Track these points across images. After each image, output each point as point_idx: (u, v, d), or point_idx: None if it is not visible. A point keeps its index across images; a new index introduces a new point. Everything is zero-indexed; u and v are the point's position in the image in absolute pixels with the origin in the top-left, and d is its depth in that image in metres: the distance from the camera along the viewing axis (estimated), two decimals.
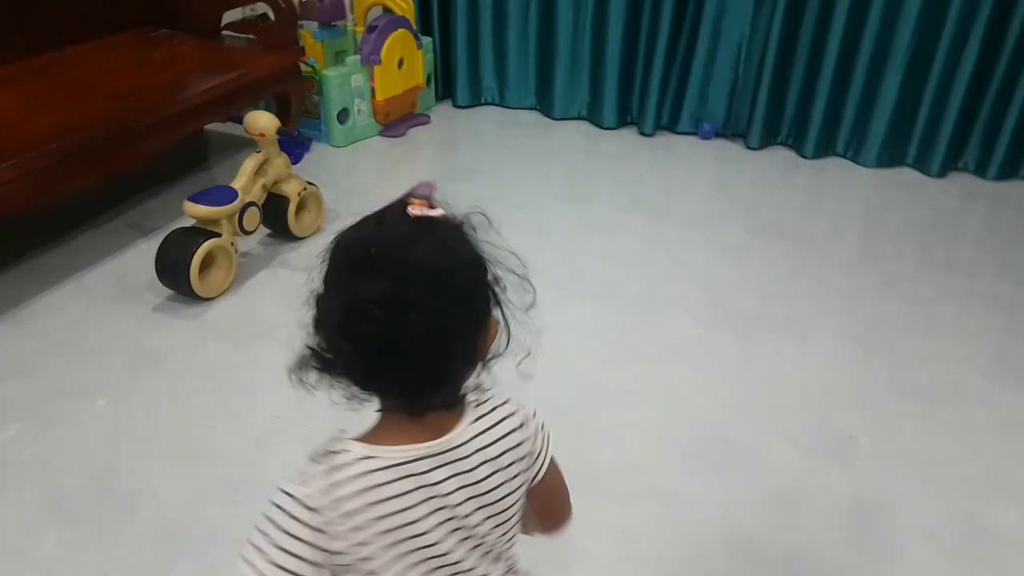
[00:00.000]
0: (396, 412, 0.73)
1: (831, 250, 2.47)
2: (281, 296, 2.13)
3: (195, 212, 2.00)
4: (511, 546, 0.82)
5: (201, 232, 2.02)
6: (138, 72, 2.46)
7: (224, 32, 2.84)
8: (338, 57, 3.06)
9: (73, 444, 1.63)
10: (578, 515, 0.93)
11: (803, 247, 2.46)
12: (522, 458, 0.78)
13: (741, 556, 1.44)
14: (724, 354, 1.98)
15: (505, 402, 0.79)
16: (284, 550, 0.69)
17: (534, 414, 0.81)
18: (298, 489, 0.70)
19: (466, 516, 0.74)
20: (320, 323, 0.72)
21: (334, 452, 0.72)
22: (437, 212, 0.72)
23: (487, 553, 0.78)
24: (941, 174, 2.96)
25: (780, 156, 3.10)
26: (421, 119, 3.31)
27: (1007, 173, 2.94)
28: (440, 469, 0.72)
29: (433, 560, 0.73)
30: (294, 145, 2.30)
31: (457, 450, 0.73)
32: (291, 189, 2.27)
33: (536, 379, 1.74)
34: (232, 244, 2.09)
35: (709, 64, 3.05)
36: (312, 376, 0.74)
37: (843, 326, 2.09)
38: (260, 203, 2.18)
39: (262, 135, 2.14)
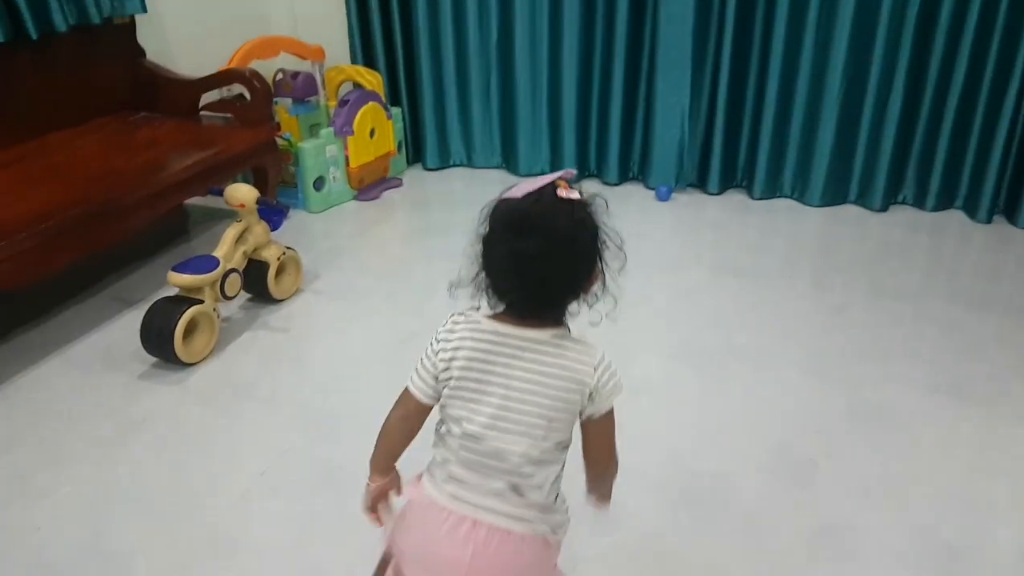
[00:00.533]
0: (508, 312, 1.01)
1: (785, 284, 2.52)
2: (262, 358, 2.14)
3: (178, 281, 2.02)
4: (549, 464, 1.00)
5: (184, 300, 2.03)
6: (120, 153, 2.49)
7: (202, 112, 2.89)
8: (312, 130, 3.12)
9: (62, 510, 1.61)
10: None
11: (759, 283, 2.52)
12: (571, 386, 0.99)
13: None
14: (688, 386, 2.00)
15: (588, 346, 1.02)
16: (425, 357, 1.05)
17: (602, 367, 1.01)
18: (441, 332, 1.05)
19: (515, 388, 0.98)
20: (485, 262, 1.00)
21: (466, 315, 1.04)
22: (575, 194, 0.96)
23: (515, 426, 0.98)
24: (883, 208, 3.04)
25: (734, 199, 3.18)
26: (394, 183, 3.37)
27: (944, 204, 3.03)
28: (517, 348, 0.99)
29: (484, 398, 0.99)
30: (273, 213, 2.34)
31: (533, 345, 0.99)
32: (270, 255, 2.29)
33: None
34: (214, 310, 2.11)
35: (660, 121, 3.12)
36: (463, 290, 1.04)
37: (799, 355, 2.13)
38: (241, 269, 2.20)
39: (242, 205, 2.18)
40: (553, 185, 0.96)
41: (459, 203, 3.24)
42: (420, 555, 1.02)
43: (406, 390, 1.07)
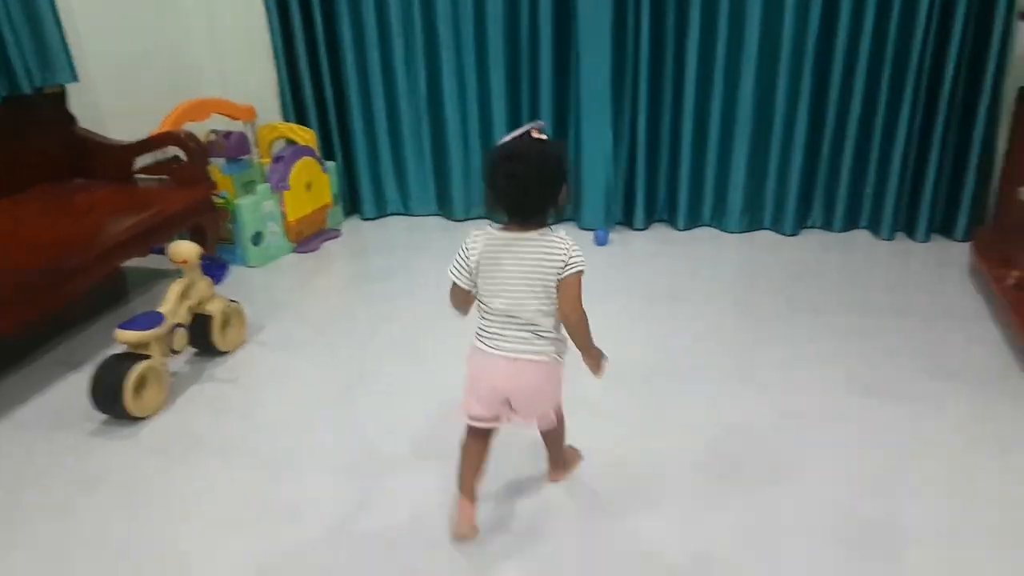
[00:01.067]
0: (512, 224, 1.53)
1: (709, 306, 2.71)
2: (212, 408, 2.20)
3: (126, 337, 2.08)
4: (544, 316, 1.55)
5: (133, 356, 2.09)
6: (60, 219, 2.54)
7: (138, 176, 2.96)
8: (247, 187, 3.22)
9: (20, 569, 1.64)
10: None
11: (686, 306, 2.71)
12: (551, 263, 1.51)
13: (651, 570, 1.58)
14: (625, 404, 2.15)
15: (561, 238, 1.53)
16: (459, 260, 1.57)
17: (571, 251, 1.52)
18: (467, 243, 1.56)
19: (513, 272, 1.52)
20: (491, 187, 1.51)
21: (483, 230, 1.55)
22: (544, 136, 1.50)
23: (523, 304, 1.53)
24: (794, 232, 3.30)
25: (659, 232, 3.40)
26: (332, 234, 3.48)
27: (849, 225, 3.31)
28: (518, 245, 1.52)
29: (498, 279, 1.54)
30: (215, 268, 2.42)
31: (527, 243, 1.52)
32: (215, 308, 2.37)
33: (449, 431, 1.81)
34: (163, 364, 2.16)
35: (587, 163, 3.31)
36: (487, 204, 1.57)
37: (725, 368, 2.31)
38: (186, 324, 2.27)
39: (185, 262, 2.25)
40: (530, 131, 1.50)
41: (397, 249, 3.36)
42: (487, 388, 1.60)
43: (453, 283, 1.61)
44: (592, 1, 3.06)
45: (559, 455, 1.81)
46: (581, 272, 1.52)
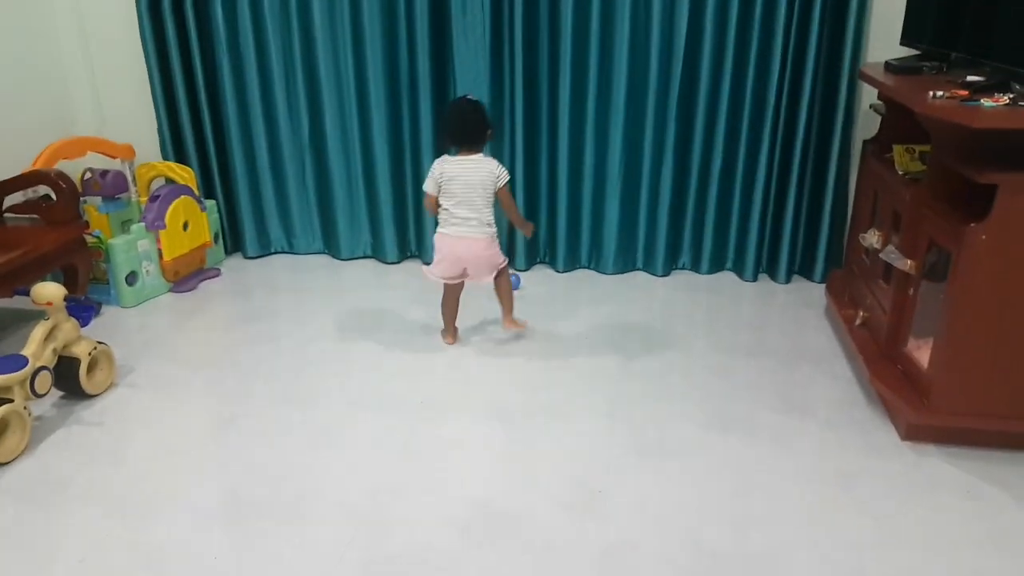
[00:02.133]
0: (461, 152, 2.64)
1: (581, 345, 2.90)
2: (77, 453, 2.23)
3: None
4: (486, 210, 2.66)
5: None
6: None
7: (6, 215, 2.95)
8: (124, 226, 3.25)
9: None
10: None
11: (560, 346, 2.89)
12: (488, 176, 2.63)
13: None
14: (492, 441, 2.30)
15: (491, 160, 2.68)
16: (431, 178, 2.67)
17: (499, 168, 2.66)
18: (434, 166, 2.66)
19: (465, 182, 2.62)
20: (444, 127, 2.81)
21: (443, 159, 2.66)
22: (475, 98, 2.73)
23: (473, 203, 2.63)
24: (665, 273, 3.57)
25: (541, 273, 3.61)
26: (211, 272, 3.53)
27: (716, 267, 3.59)
28: (466, 165, 2.64)
29: (457, 195, 2.63)
30: (81, 309, 2.45)
31: (471, 163, 2.64)
32: (81, 350, 2.40)
33: (338, 479, 2.07)
34: (25, 408, 2.19)
35: None
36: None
37: (593, 404, 2.48)
38: (51, 366, 2.30)
39: (50, 303, 2.29)
40: (466, 96, 2.75)
41: (280, 288, 3.45)
42: (452, 257, 2.69)
43: (427, 193, 2.69)
44: (469, 49, 3.28)
45: (509, 307, 2.85)
46: (507, 181, 2.67)
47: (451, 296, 2.82)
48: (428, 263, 2.99)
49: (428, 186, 2.65)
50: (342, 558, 1.81)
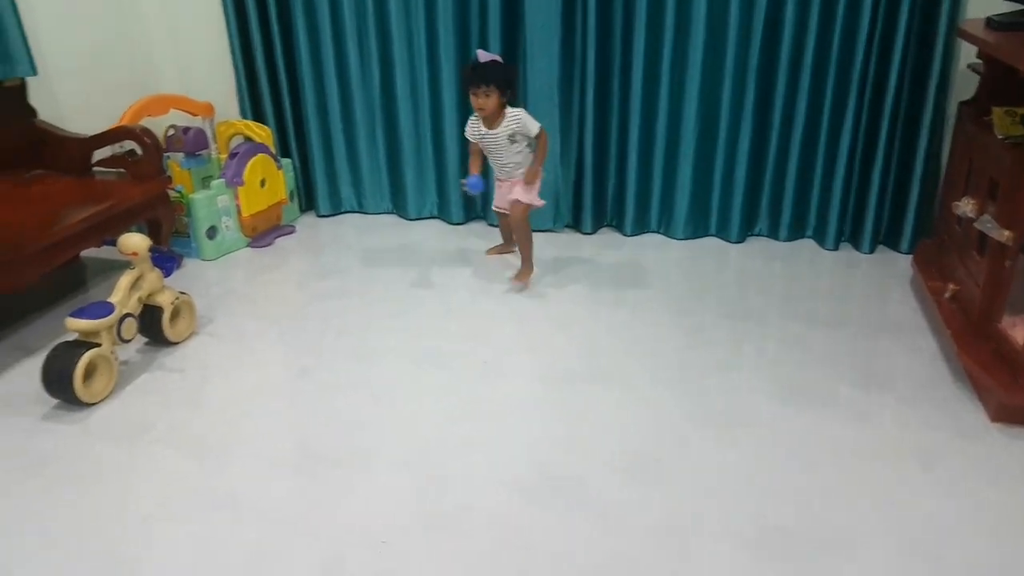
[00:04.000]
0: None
1: (647, 310, 2.91)
2: (159, 397, 2.39)
3: (76, 326, 2.27)
4: (517, 166, 2.98)
5: (83, 344, 2.28)
6: (17, 208, 2.72)
7: (96, 168, 3.14)
8: (205, 182, 3.40)
9: None
10: (420, 547, 1.67)
11: (626, 310, 2.91)
12: (519, 128, 2.88)
13: (571, 569, 1.72)
14: (554, 404, 2.35)
15: (517, 110, 2.90)
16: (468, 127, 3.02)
17: (523, 115, 2.89)
18: (469, 120, 3.00)
19: (495, 137, 2.92)
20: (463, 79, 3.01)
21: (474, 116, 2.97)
22: (498, 58, 2.88)
23: (503, 159, 2.97)
24: (740, 240, 3.53)
25: (607, 237, 3.62)
26: (287, 229, 3.68)
27: (796, 234, 3.53)
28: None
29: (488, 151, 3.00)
30: (164, 260, 2.60)
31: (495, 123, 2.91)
32: (164, 300, 2.56)
33: (402, 434, 2.14)
34: (112, 353, 2.36)
35: None
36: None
37: (657, 371, 2.49)
38: (136, 314, 2.46)
39: (135, 254, 2.44)
40: (478, 57, 2.84)
41: (350, 247, 3.56)
42: (498, 193, 3.13)
43: (468, 141, 3.02)
44: (540, 5, 3.27)
45: (523, 258, 3.09)
46: (541, 128, 2.90)
47: (503, 223, 3.27)
48: (495, 225, 3.26)
49: (469, 134, 3.01)
50: (404, 511, 1.90)
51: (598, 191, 3.58)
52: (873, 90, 3.16)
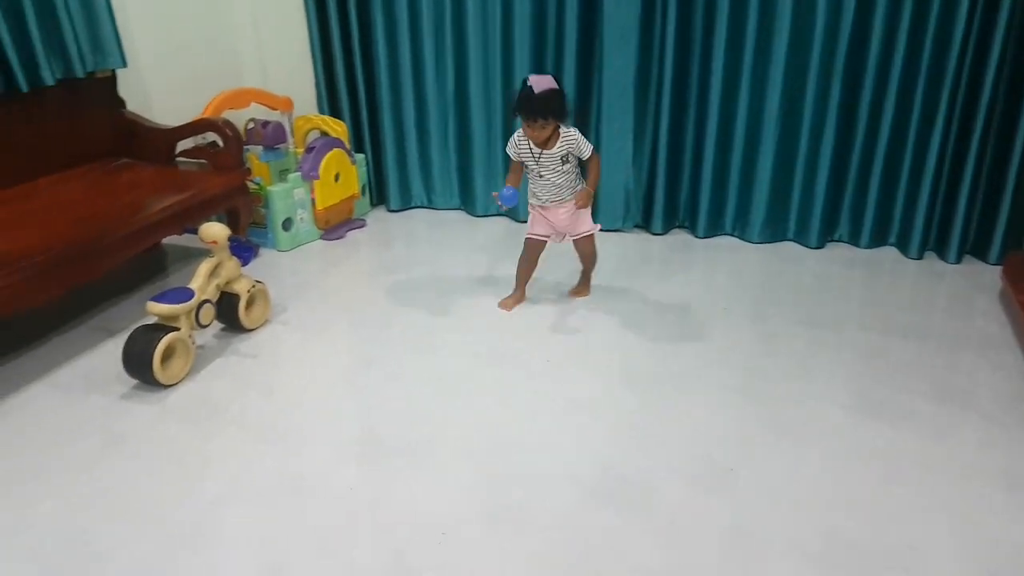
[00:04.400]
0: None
1: (718, 316, 2.85)
2: (233, 381, 2.45)
3: (157, 310, 2.35)
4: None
5: (162, 327, 2.36)
6: (103, 196, 2.83)
7: (178, 159, 3.25)
8: (282, 175, 3.49)
9: (50, 513, 1.89)
10: (480, 540, 1.67)
11: (697, 315, 2.86)
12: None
13: (631, 572, 1.71)
14: (618, 405, 2.32)
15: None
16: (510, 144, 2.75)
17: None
18: (513, 138, 2.73)
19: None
20: (515, 106, 2.62)
21: (519, 133, 2.70)
22: (545, 85, 2.57)
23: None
24: (819, 245, 3.43)
25: (678, 239, 3.57)
26: (358, 223, 3.74)
27: (877, 241, 3.42)
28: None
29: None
30: (242, 250, 2.68)
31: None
32: (241, 287, 2.63)
33: (465, 428, 2.19)
34: (190, 337, 2.43)
35: (606, 165, 3.43)
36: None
37: (728, 378, 2.43)
38: (214, 300, 2.53)
39: (214, 242, 2.51)
40: (526, 82, 2.58)
41: (420, 242, 3.61)
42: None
43: (510, 159, 2.78)
44: (620, 3, 3.24)
45: (587, 278, 3.01)
46: (593, 149, 2.71)
47: (531, 255, 2.93)
48: None
49: (512, 153, 2.75)
50: (465, 504, 1.90)
51: (670, 191, 3.54)
52: (967, 93, 3.04)
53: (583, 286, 3.02)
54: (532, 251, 2.88)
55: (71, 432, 2.21)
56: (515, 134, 2.70)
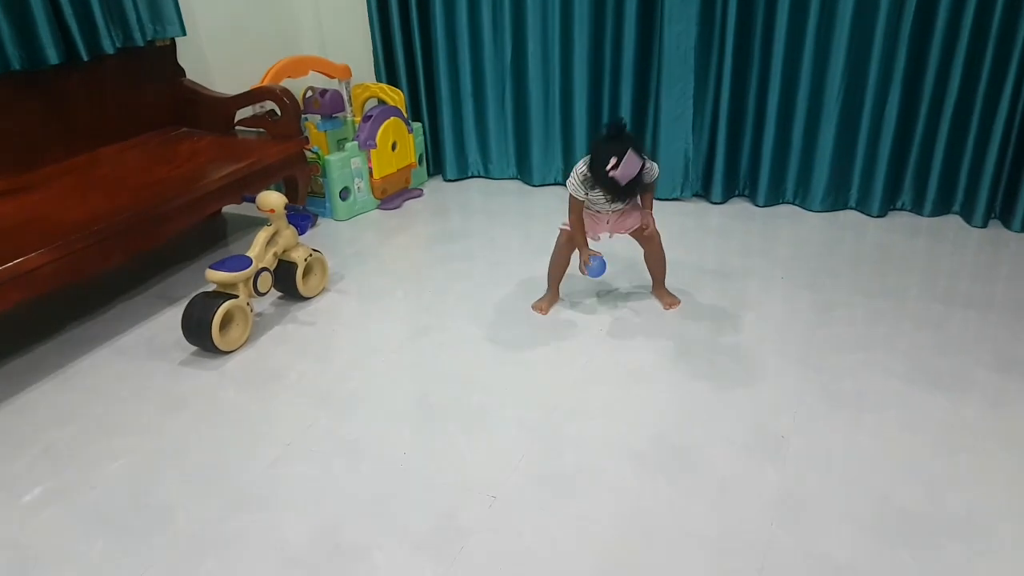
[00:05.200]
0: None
1: (780, 285, 2.74)
2: (290, 348, 2.44)
3: (215, 278, 2.33)
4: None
5: (221, 295, 2.35)
6: (163, 165, 2.82)
7: (237, 127, 3.23)
8: (340, 144, 3.45)
9: (114, 473, 1.91)
10: (531, 506, 1.59)
11: (755, 284, 2.75)
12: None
13: (683, 538, 1.67)
14: (673, 375, 2.24)
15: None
16: (574, 184, 2.38)
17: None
18: (576, 169, 2.35)
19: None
20: (593, 169, 2.28)
21: (583, 170, 2.34)
22: (630, 169, 2.23)
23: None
24: (881, 214, 3.26)
25: (738, 207, 3.44)
26: (415, 193, 3.69)
27: (941, 209, 3.24)
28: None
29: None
30: (300, 219, 2.65)
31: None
32: (298, 256, 2.60)
33: (518, 395, 2.11)
34: (248, 304, 2.41)
35: (665, 133, 3.37)
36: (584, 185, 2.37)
37: (784, 347, 2.34)
38: (272, 268, 2.51)
39: (272, 211, 2.49)
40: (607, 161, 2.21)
41: (476, 212, 3.54)
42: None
43: (572, 197, 2.40)
44: None
45: (662, 287, 2.65)
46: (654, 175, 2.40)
47: (566, 251, 2.59)
48: None
49: (578, 193, 2.39)
50: (516, 469, 1.86)
51: (731, 159, 3.39)
52: None
53: (667, 293, 2.65)
54: (567, 247, 2.53)
55: (133, 395, 2.22)
56: (580, 174, 2.32)
